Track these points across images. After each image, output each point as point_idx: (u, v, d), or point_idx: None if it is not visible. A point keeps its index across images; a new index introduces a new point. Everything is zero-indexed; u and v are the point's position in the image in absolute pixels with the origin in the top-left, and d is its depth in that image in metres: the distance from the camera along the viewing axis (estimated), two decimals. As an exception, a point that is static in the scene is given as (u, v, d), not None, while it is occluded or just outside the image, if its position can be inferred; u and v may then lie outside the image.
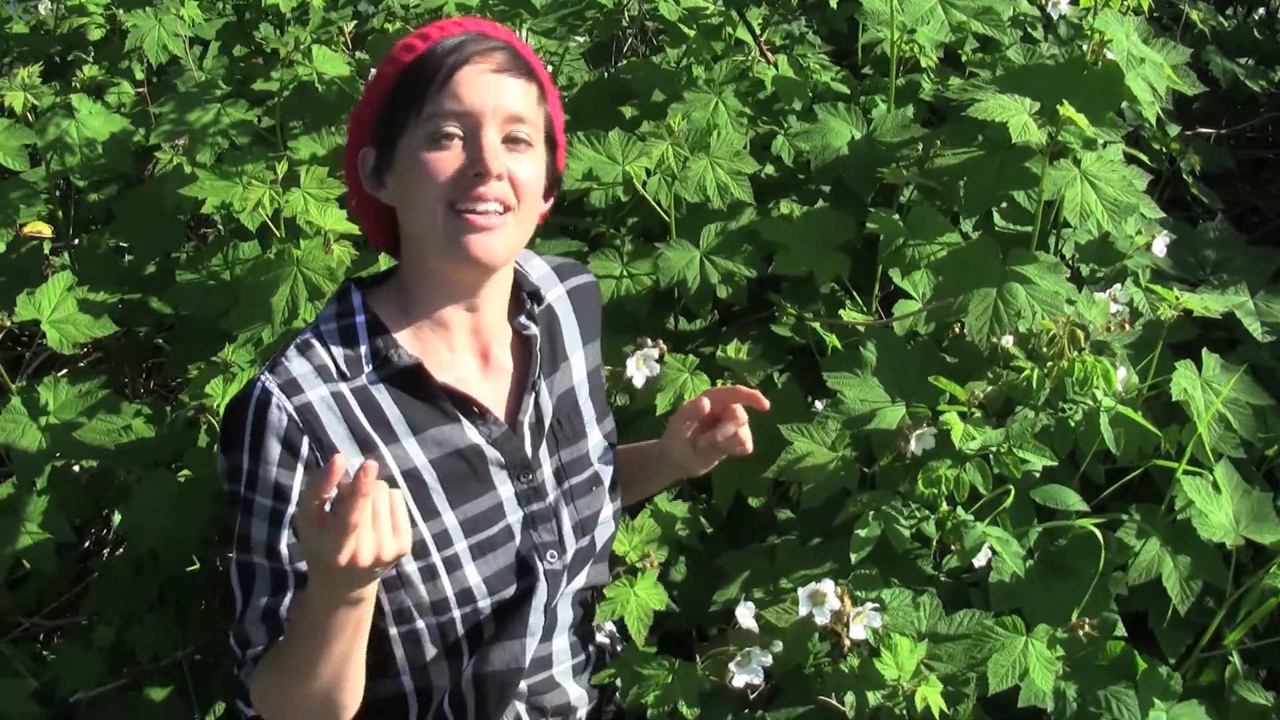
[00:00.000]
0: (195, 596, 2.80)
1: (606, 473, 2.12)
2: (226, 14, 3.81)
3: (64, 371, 3.21)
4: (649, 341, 2.54)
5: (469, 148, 1.78)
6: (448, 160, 1.78)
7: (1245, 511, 2.50)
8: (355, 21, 3.28)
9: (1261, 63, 4.04)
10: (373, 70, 1.86)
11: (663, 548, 2.51)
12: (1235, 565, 2.50)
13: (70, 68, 3.64)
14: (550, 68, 3.48)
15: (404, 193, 1.84)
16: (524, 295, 2.01)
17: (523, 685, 2.03)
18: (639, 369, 2.53)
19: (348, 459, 1.74)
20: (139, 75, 3.55)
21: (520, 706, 2.06)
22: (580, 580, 2.08)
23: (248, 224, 2.81)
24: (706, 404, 2.09)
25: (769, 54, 3.26)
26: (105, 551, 3.28)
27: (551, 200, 2.00)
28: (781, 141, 3.15)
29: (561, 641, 2.10)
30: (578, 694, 2.15)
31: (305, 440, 1.79)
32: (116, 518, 3.08)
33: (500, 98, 1.79)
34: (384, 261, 2.31)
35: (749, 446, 2.09)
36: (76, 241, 3.27)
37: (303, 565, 1.79)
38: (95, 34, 3.61)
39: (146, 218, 3.09)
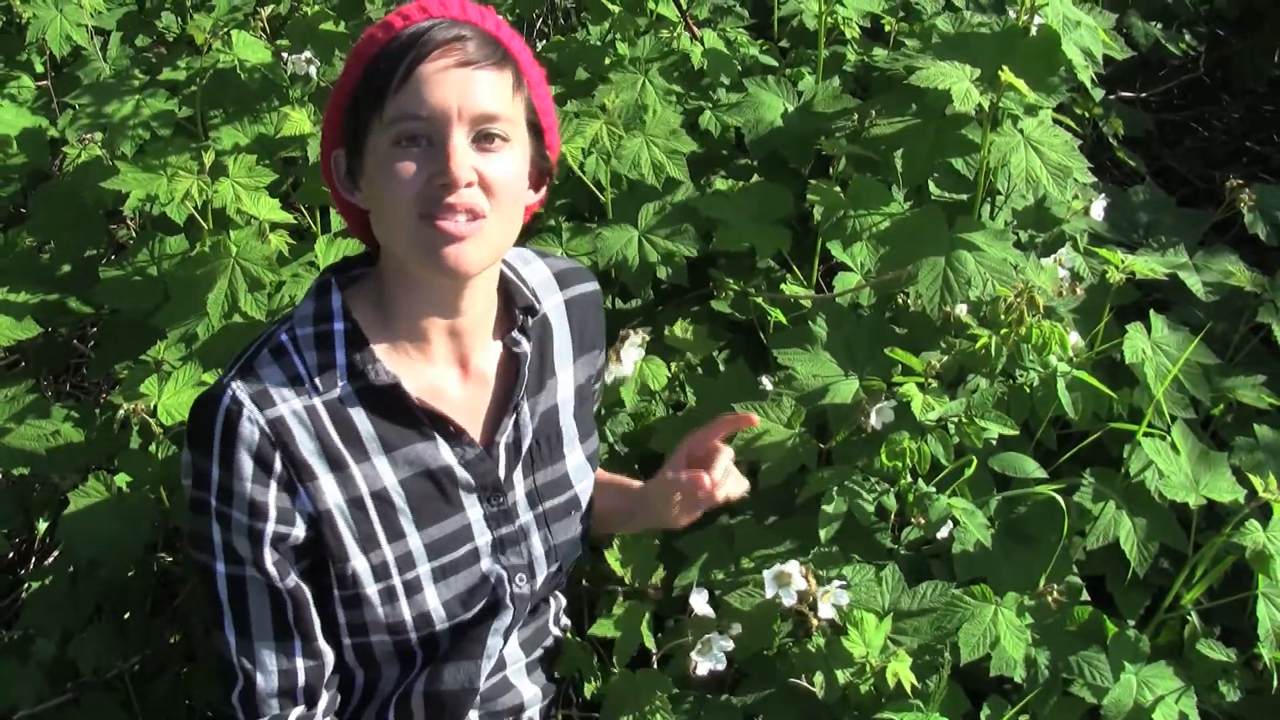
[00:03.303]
0: (135, 605, 2.70)
1: (586, 496, 2.05)
2: (128, 3, 3.68)
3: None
4: (634, 331, 2.49)
5: (435, 153, 1.66)
6: (414, 166, 1.66)
7: (1204, 471, 2.51)
8: (270, 7, 3.17)
9: (1169, 26, 4.09)
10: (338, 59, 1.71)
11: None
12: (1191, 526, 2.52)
13: (-38, 64, 3.50)
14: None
15: (374, 199, 1.74)
16: (517, 311, 1.90)
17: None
18: (627, 353, 2.48)
19: (319, 477, 1.71)
20: (39, 68, 3.42)
21: (474, 715, 2.03)
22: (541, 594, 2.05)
23: (175, 216, 2.71)
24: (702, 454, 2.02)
25: (695, 28, 3.22)
26: (32, 561, 3.16)
27: (544, 190, 1.89)
28: (709, 116, 3.12)
29: (513, 644, 2.07)
30: (532, 693, 2.12)
31: (278, 456, 1.71)
32: (42, 526, 2.97)
33: (466, 96, 1.66)
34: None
35: (723, 482, 2.00)
36: (-14, 240, 3.14)
37: (290, 582, 1.74)
38: (-10, 27, 3.48)
39: (64, 214, 2.97)
